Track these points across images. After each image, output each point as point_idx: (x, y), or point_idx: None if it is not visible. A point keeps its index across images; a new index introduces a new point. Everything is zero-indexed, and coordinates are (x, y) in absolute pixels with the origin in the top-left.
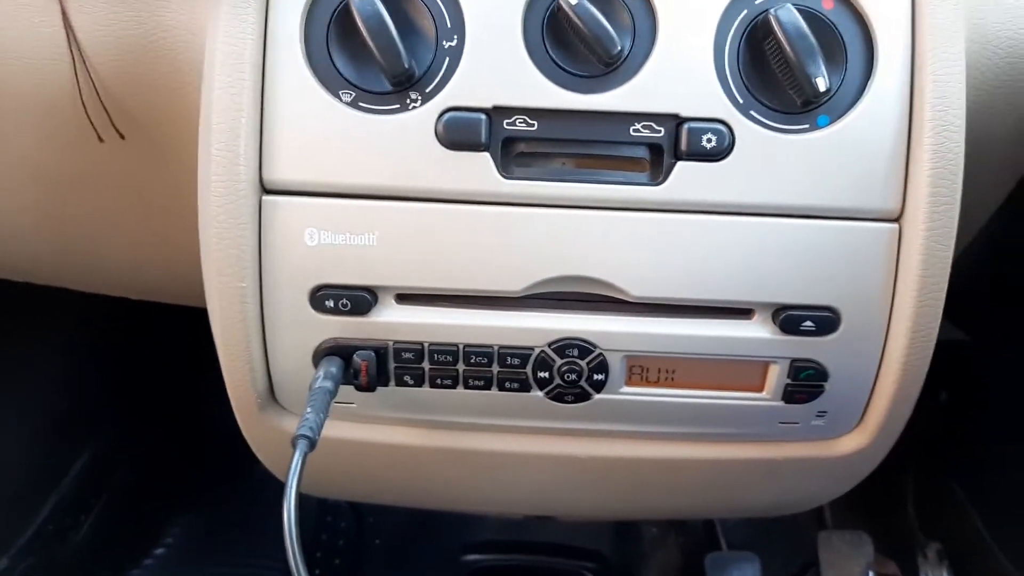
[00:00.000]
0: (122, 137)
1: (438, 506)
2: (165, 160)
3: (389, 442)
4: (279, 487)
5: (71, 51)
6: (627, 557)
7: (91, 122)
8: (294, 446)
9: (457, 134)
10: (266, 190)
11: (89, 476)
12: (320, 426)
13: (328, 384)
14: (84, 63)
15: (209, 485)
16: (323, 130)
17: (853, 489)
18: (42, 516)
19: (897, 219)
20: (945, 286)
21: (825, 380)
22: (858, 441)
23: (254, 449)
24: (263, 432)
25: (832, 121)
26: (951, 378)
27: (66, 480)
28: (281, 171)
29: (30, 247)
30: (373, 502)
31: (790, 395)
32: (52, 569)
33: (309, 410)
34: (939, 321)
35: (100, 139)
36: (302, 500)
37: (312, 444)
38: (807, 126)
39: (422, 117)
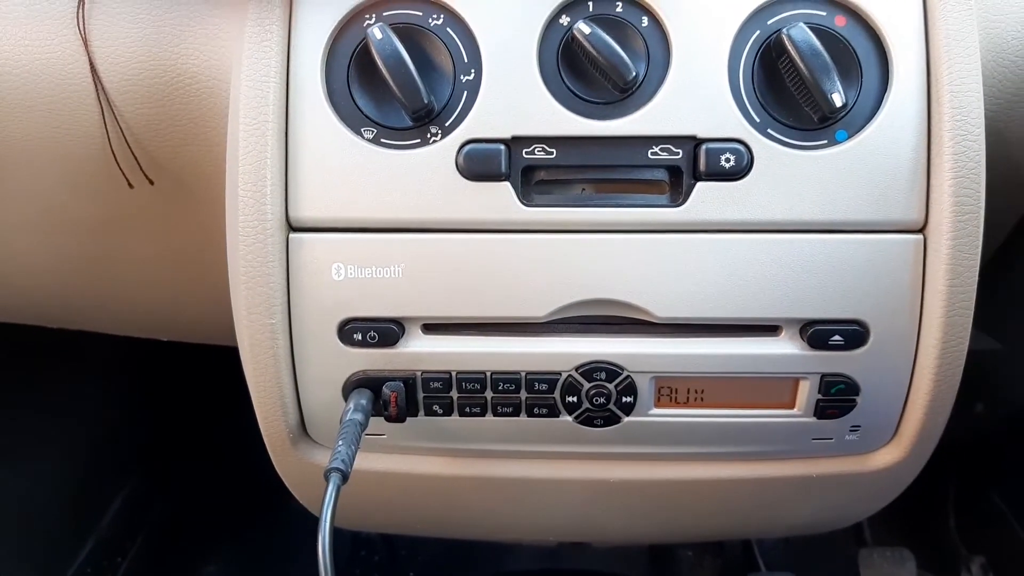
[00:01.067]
0: (151, 183)
1: (471, 536)
2: (193, 203)
3: (420, 472)
4: (314, 521)
5: (99, 100)
6: None
7: (121, 169)
8: (327, 479)
9: (478, 165)
10: (292, 228)
11: (125, 517)
12: (352, 458)
13: (358, 416)
14: (112, 111)
15: (243, 522)
16: (346, 167)
17: (892, 504)
18: (81, 559)
19: (921, 230)
20: (973, 295)
21: (857, 394)
22: (894, 455)
23: (287, 484)
24: (296, 466)
25: (850, 136)
26: (985, 388)
27: (103, 522)
28: (307, 209)
29: (62, 293)
30: (406, 533)
31: (822, 410)
32: None
33: (340, 443)
34: (969, 330)
35: (130, 185)
36: (335, 534)
37: (345, 477)
38: (825, 142)
39: (443, 150)
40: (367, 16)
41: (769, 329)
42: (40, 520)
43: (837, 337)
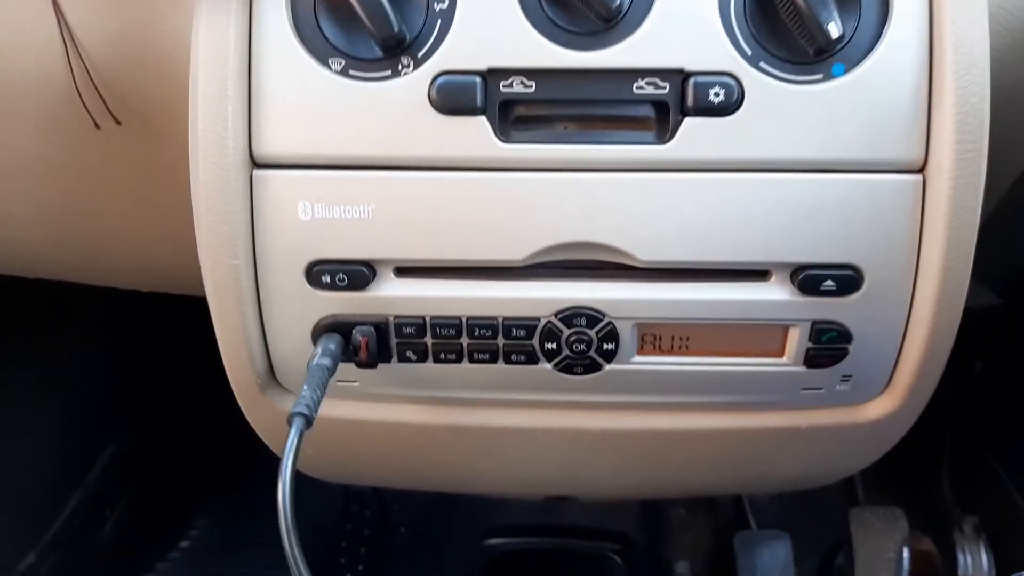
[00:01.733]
0: (118, 123)
1: (454, 488)
2: (163, 145)
3: (395, 420)
4: (304, 477)
5: (63, 37)
6: (654, 539)
7: (87, 109)
8: (290, 424)
9: (451, 98)
10: (257, 164)
11: (114, 471)
12: (317, 403)
13: (326, 361)
14: (77, 49)
15: (233, 476)
16: (313, 100)
17: (886, 463)
18: (67, 512)
19: (921, 170)
20: (974, 239)
21: (849, 342)
22: (886, 406)
23: (258, 432)
24: (265, 414)
25: (848, 70)
26: (987, 348)
27: (91, 475)
28: (271, 144)
29: (33, 240)
30: (389, 486)
31: (812, 359)
32: (79, 565)
33: (306, 387)
34: (968, 277)
35: (97, 126)
36: (326, 490)
37: (309, 421)
38: (821, 76)
39: (415, 82)
40: None
41: (758, 274)
42: (26, 474)
43: (829, 282)
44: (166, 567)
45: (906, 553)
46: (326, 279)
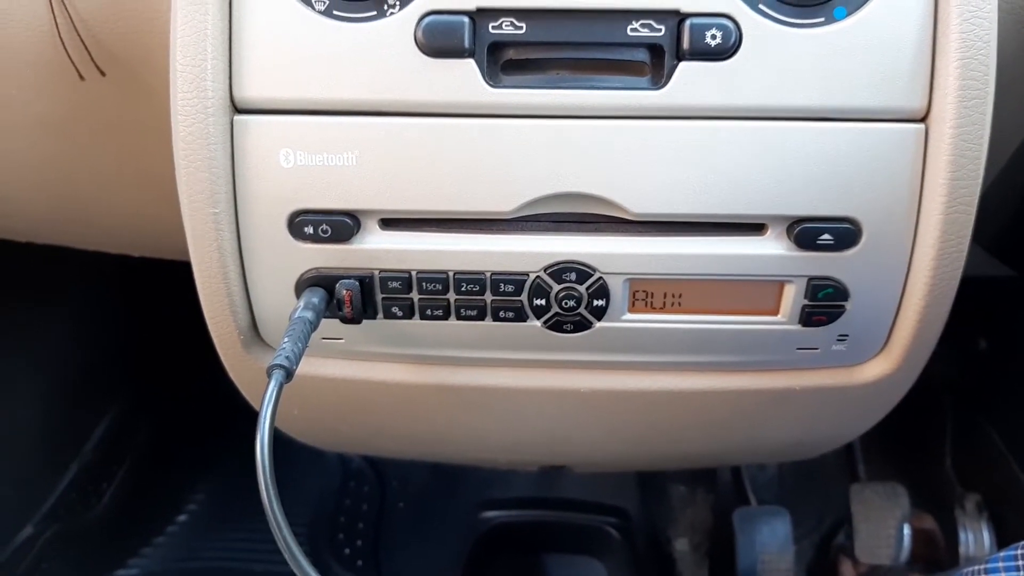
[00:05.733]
0: (103, 74)
1: (444, 455)
2: (149, 97)
3: (381, 379)
4: (304, 449)
5: None
6: (654, 515)
7: (71, 59)
8: (269, 376)
9: (438, 39)
10: (238, 109)
11: (110, 442)
12: (298, 356)
13: (308, 314)
14: None
15: (231, 449)
16: (296, 42)
17: (888, 440)
18: (64, 484)
19: (923, 119)
20: (977, 193)
21: (846, 300)
22: (883, 367)
23: (241, 390)
24: (249, 372)
25: (850, 13)
26: (991, 323)
27: (87, 447)
28: (252, 88)
29: (19, 202)
30: (379, 453)
31: (808, 317)
32: (76, 537)
33: (286, 339)
34: (970, 233)
35: (81, 77)
36: (324, 467)
37: (289, 374)
38: (822, 19)
39: (401, 23)
40: None
41: (754, 228)
42: (22, 446)
43: (827, 236)
44: (164, 540)
45: (907, 530)
46: (309, 230)
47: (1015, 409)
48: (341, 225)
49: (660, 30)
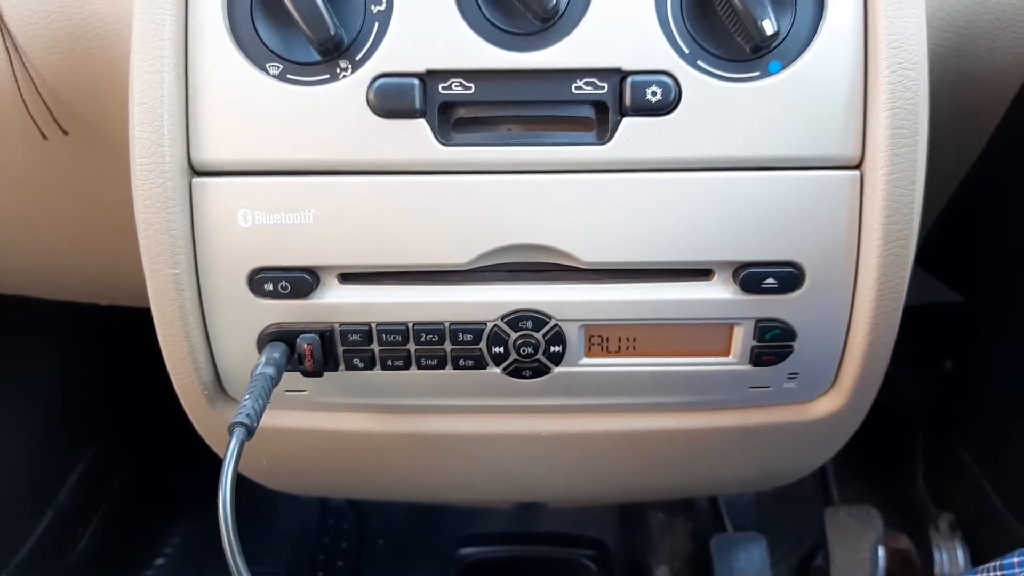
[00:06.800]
0: (65, 133)
1: (416, 496)
2: (111, 155)
3: (346, 429)
4: (280, 492)
5: (5, 46)
6: (633, 545)
7: (33, 119)
8: (231, 433)
9: (390, 101)
10: (196, 172)
11: (86, 487)
12: (259, 413)
13: (269, 370)
14: (21, 58)
15: (207, 491)
16: (251, 106)
17: (861, 463)
18: (40, 531)
19: (858, 166)
20: (912, 233)
21: (793, 340)
22: (833, 403)
23: (208, 443)
24: (215, 426)
25: (784, 67)
26: (954, 345)
27: (63, 493)
28: (209, 151)
29: None
30: (352, 496)
31: (757, 357)
32: None
33: (248, 397)
34: (908, 271)
35: (44, 136)
36: (302, 504)
37: (250, 432)
38: (758, 73)
39: (353, 86)
40: None
41: (701, 273)
42: None
43: (771, 280)
44: None
45: (881, 551)
46: (269, 287)
47: (983, 428)
48: (300, 281)
49: (603, 88)
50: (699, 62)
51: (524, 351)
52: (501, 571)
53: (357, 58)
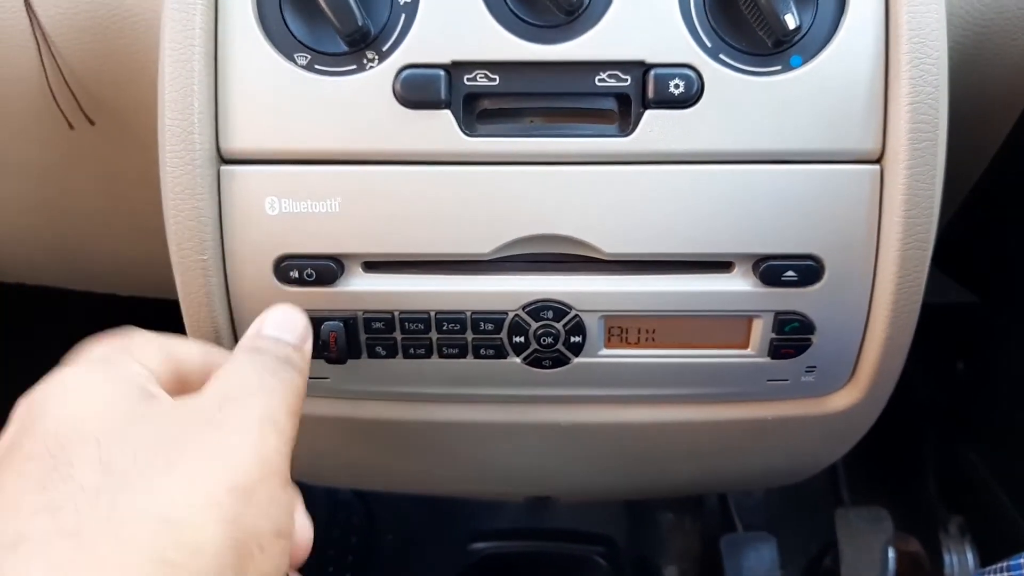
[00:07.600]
0: (92, 123)
1: (431, 488)
2: (137, 145)
3: (366, 416)
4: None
5: (35, 36)
6: (642, 543)
7: (60, 109)
8: None
9: (416, 92)
10: (224, 160)
11: None
12: None
13: None
14: (49, 48)
15: None
16: (279, 95)
17: (872, 464)
18: None
19: (878, 160)
20: (932, 228)
21: (812, 333)
22: (851, 396)
23: None
24: None
25: (805, 61)
26: (967, 347)
27: None
28: (238, 139)
29: (11, 243)
30: (366, 487)
31: (776, 350)
32: None
33: None
34: (927, 267)
35: (71, 126)
36: (312, 498)
37: None
38: (779, 68)
39: (379, 76)
40: None
41: (721, 265)
42: None
43: (790, 273)
44: None
45: (891, 553)
46: (294, 274)
47: (995, 431)
48: (325, 269)
49: (626, 80)
50: (721, 56)
51: (544, 341)
52: (512, 566)
53: (384, 49)
